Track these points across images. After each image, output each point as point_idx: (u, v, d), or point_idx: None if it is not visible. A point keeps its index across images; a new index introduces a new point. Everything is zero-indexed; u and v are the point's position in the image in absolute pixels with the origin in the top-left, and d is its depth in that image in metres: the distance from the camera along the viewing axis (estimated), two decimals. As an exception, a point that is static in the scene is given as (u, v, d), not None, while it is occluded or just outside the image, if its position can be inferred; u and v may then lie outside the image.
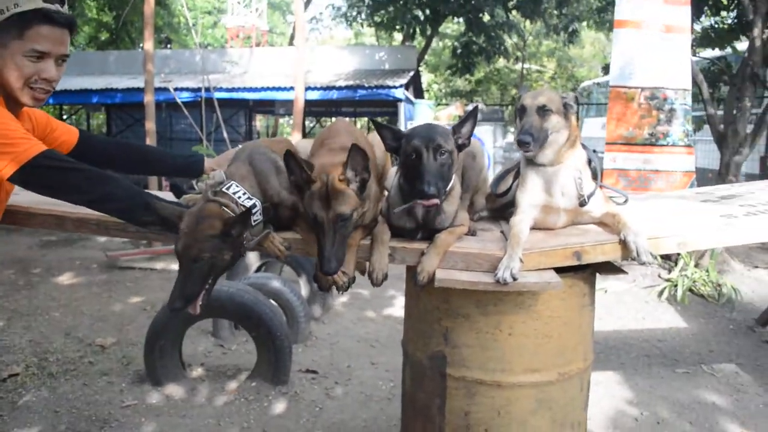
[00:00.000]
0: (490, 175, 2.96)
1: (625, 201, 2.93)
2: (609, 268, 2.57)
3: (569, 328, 2.46)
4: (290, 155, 2.25)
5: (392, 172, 2.50)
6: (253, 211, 2.27)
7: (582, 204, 2.48)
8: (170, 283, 2.21)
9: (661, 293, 6.81)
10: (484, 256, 2.29)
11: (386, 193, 2.64)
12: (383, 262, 2.29)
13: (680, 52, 7.32)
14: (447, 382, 2.48)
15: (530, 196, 2.50)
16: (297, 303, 5.17)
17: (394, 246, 2.35)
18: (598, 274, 2.59)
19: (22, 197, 2.84)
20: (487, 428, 2.45)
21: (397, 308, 6.32)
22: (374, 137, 2.63)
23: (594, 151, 2.74)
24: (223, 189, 2.30)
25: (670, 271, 7.22)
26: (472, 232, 2.54)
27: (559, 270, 2.33)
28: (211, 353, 5.04)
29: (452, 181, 2.39)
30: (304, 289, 5.83)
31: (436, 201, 2.21)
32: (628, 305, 6.56)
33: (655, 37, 7.24)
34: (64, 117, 21.50)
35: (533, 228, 2.53)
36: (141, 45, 20.96)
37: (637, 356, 5.20)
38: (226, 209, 2.22)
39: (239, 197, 2.28)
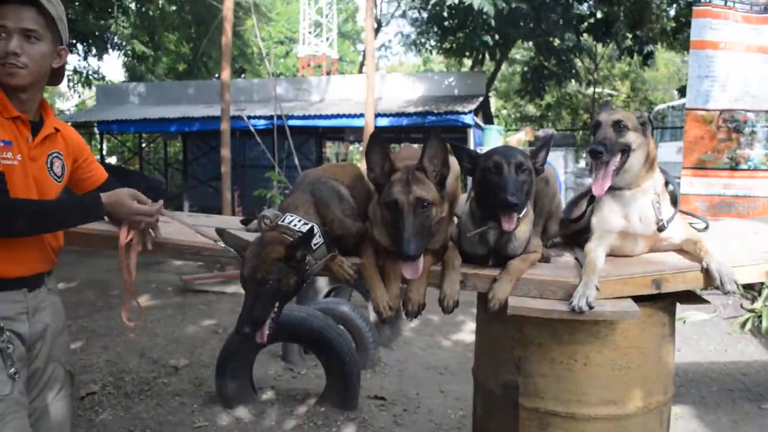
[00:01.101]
0: (562, 201, 2.90)
1: (706, 227, 2.81)
2: (690, 297, 2.47)
3: (648, 359, 2.37)
4: (376, 144, 2.26)
5: (463, 199, 2.47)
6: (313, 232, 2.28)
7: (661, 229, 2.39)
8: (240, 306, 2.23)
9: (744, 324, 6.50)
10: (558, 283, 2.24)
11: (456, 219, 2.61)
12: (454, 289, 2.26)
13: (761, 72, 7.04)
14: (520, 413, 2.42)
15: (606, 222, 2.43)
16: (366, 328, 5.16)
17: (466, 272, 2.31)
18: (678, 304, 2.49)
19: (103, 223, 2.94)
20: (562, 461, 2.37)
21: (468, 335, 6.23)
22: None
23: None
24: (278, 222, 2.34)
25: (753, 301, 6.89)
26: (545, 259, 2.48)
27: (637, 299, 2.25)
28: (281, 377, 5.07)
29: (526, 208, 2.35)
30: (372, 315, 5.82)
31: (514, 221, 2.17)
32: (708, 336, 6.29)
33: (734, 57, 6.99)
34: (143, 145, 22.33)
35: (609, 255, 2.46)
36: (217, 75, 21.63)
37: (719, 390, 4.97)
38: (286, 236, 2.25)
39: (295, 225, 2.31)
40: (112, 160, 26.92)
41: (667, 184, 2.52)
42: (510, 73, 27.00)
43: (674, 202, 2.48)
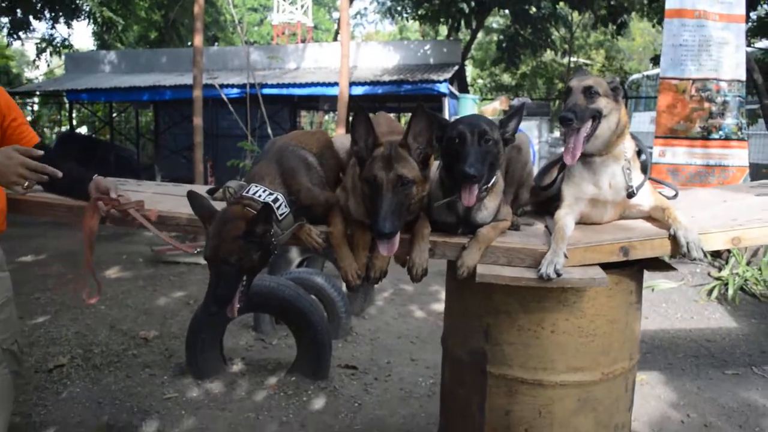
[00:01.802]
0: (534, 170, 2.88)
1: (675, 195, 2.81)
2: (658, 264, 2.48)
3: (615, 327, 2.38)
4: (361, 118, 2.21)
5: (434, 168, 2.44)
6: (276, 204, 2.23)
7: (630, 195, 2.38)
8: None
9: (710, 292, 6.60)
10: (526, 251, 2.22)
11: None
12: (423, 257, 2.23)
13: (734, 42, 7.05)
14: (487, 380, 2.42)
15: (576, 189, 2.41)
16: (338, 298, 5.14)
17: (435, 240, 2.28)
18: (646, 271, 2.49)
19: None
20: (528, 428, 2.38)
21: (440, 304, 6.24)
22: None
23: (643, 144, 2.64)
24: (243, 193, 2.28)
25: (720, 269, 7.00)
26: (515, 227, 2.47)
27: (606, 266, 2.24)
28: (252, 347, 5.05)
29: (495, 177, 2.32)
30: (344, 283, 5.80)
31: (474, 195, 2.15)
32: (676, 304, 6.38)
33: (708, 26, 7.00)
34: (114, 114, 21.94)
35: (579, 222, 2.45)
36: (189, 43, 21.24)
37: (684, 357, 5.04)
38: (249, 209, 2.20)
39: (260, 195, 2.25)
40: (83, 129, 26.45)
41: (639, 153, 2.50)
42: (487, 42, 26.88)
43: (644, 169, 2.47)
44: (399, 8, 18.72)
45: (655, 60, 12.90)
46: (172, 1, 19.96)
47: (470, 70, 29.71)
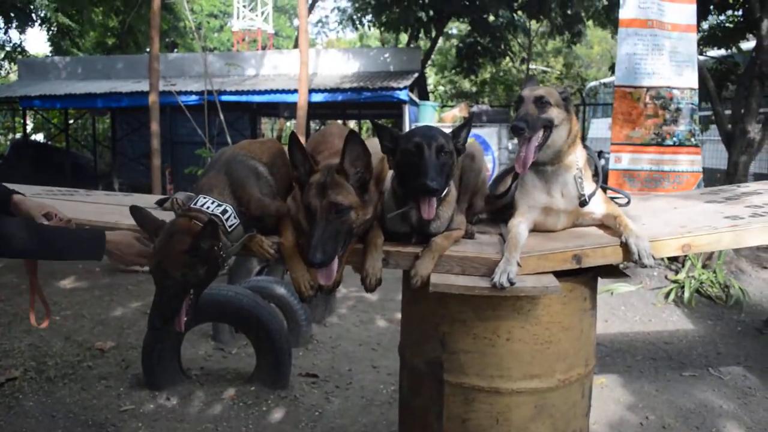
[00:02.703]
0: (489, 178, 2.90)
1: (628, 202, 2.86)
2: (611, 271, 2.51)
3: (570, 334, 2.40)
4: (295, 145, 2.19)
5: (388, 178, 2.44)
6: (225, 216, 2.20)
7: (582, 204, 2.41)
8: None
9: (667, 295, 6.72)
10: (480, 259, 2.23)
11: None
12: (377, 267, 2.23)
13: (686, 51, 7.23)
14: (444, 389, 2.42)
15: (529, 197, 2.44)
16: (298, 306, 5.11)
17: (388, 250, 2.29)
18: (600, 278, 2.53)
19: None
20: (486, 436, 2.39)
21: (401, 312, 6.25)
22: (371, 142, 2.58)
23: (600, 152, 2.69)
24: (191, 204, 2.25)
25: (677, 273, 7.13)
26: (469, 235, 2.48)
27: (560, 274, 2.27)
28: (211, 357, 4.98)
29: (448, 187, 2.33)
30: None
31: (433, 208, 2.16)
32: (634, 307, 6.48)
33: (660, 36, 7.16)
34: (70, 121, 21.54)
35: (532, 230, 2.47)
36: (147, 50, 20.98)
37: (643, 359, 5.12)
38: (196, 222, 2.17)
39: (208, 207, 2.22)
40: (39, 137, 25.92)
41: (591, 162, 2.54)
42: (447, 48, 27.05)
43: (596, 177, 2.50)
44: (360, 16, 18.76)
45: (612, 68, 13.12)
46: (129, 7, 19.70)
47: (432, 77, 29.87)
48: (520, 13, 17.55)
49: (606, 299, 6.49)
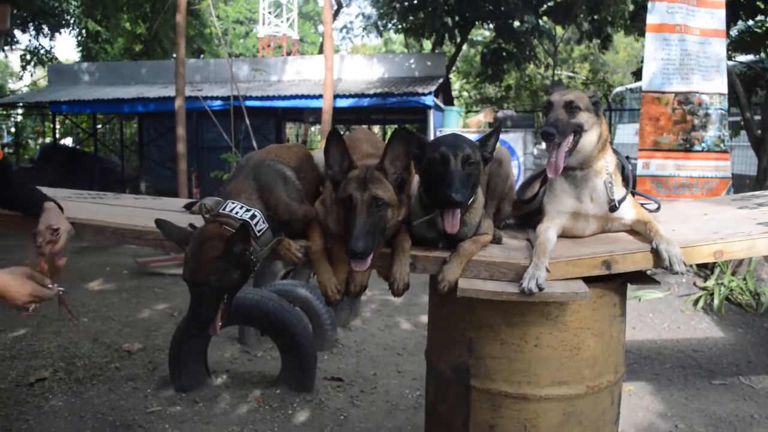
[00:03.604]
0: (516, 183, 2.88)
1: (658, 208, 2.83)
2: (641, 277, 2.48)
3: (599, 340, 2.38)
4: (335, 141, 2.19)
5: (414, 183, 2.44)
6: (254, 221, 2.21)
7: (613, 209, 2.39)
8: None
9: (696, 302, 6.63)
10: (508, 264, 2.22)
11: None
12: (404, 272, 2.23)
13: (715, 56, 7.14)
14: (471, 395, 2.41)
15: (558, 202, 2.42)
16: (323, 310, 5.12)
17: (416, 254, 2.28)
18: (629, 284, 2.50)
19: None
20: (514, 443, 2.37)
21: (427, 316, 6.23)
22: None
23: (627, 157, 2.66)
24: (220, 210, 2.26)
25: (706, 280, 7.03)
26: (497, 240, 2.47)
27: (589, 280, 2.24)
28: (237, 360, 5.01)
29: (475, 193, 2.32)
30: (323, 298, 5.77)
31: (457, 220, 2.15)
32: (662, 314, 6.40)
33: (688, 41, 7.08)
34: (98, 126, 21.83)
35: (561, 236, 2.45)
36: (173, 55, 21.22)
37: (672, 367, 5.06)
38: (227, 227, 2.17)
39: (237, 212, 2.23)
40: (68, 141, 26.30)
41: (621, 167, 2.52)
42: (472, 54, 27.01)
43: (626, 182, 2.48)
44: (384, 22, 18.80)
45: (637, 74, 13.00)
46: (156, 13, 19.94)
47: (456, 83, 29.83)
48: (545, 18, 17.47)
49: (634, 306, 6.42)
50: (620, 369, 2.55)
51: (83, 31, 20.57)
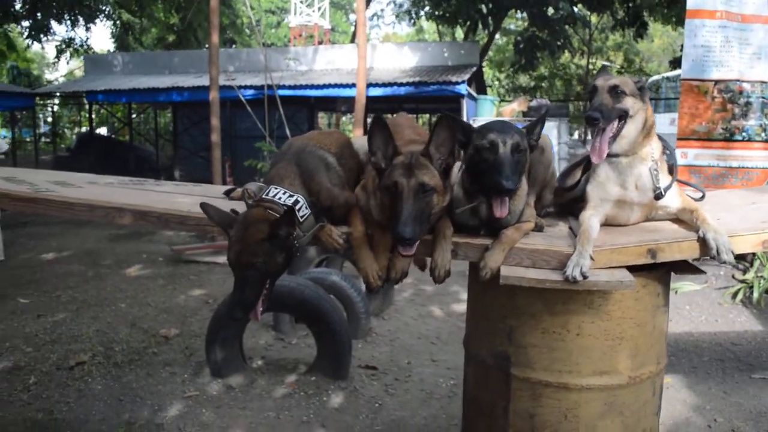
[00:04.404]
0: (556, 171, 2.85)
1: (702, 197, 2.77)
2: (685, 267, 2.44)
3: (642, 330, 2.34)
4: (379, 127, 2.18)
5: (455, 171, 2.41)
6: (297, 206, 2.21)
7: (658, 197, 2.34)
8: (231, 276, 2.19)
9: (735, 295, 6.51)
10: (551, 252, 2.19)
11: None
12: (446, 258, 2.21)
13: (758, 43, 6.96)
14: (512, 383, 2.39)
15: (602, 190, 2.38)
16: (357, 298, 5.13)
17: (457, 241, 2.26)
18: (674, 274, 2.46)
19: (85, 190, 2.88)
20: (553, 432, 2.35)
21: (461, 305, 6.22)
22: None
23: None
24: (263, 195, 2.27)
25: (745, 272, 6.90)
26: (538, 228, 2.44)
27: (632, 269, 2.21)
28: (271, 347, 5.05)
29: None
30: (364, 285, 5.78)
31: (506, 207, 2.13)
32: (699, 307, 6.30)
33: (730, 27, 6.91)
34: (133, 115, 22.09)
35: (604, 224, 2.42)
36: (206, 45, 21.37)
37: (710, 360, 4.98)
38: (270, 212, 2.18)
39: (280, 198, 2.23)
40: (103, 130, 26.69)
41: (665, 153, 2.47)
42: (504, 44, 26.79)
43: (672, 170, 2.43)
44: (416, 9, 18.71)
45: (674, 63, 12.78)
46: (190, 3, 20.10)
47: (488, 72, 29.62)
48: (580, 6, 17.23)
49: (670, 298, 6.30)
50: (662, 360, 2.52)
51: (117, 21, 20.79)
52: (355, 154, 2.65)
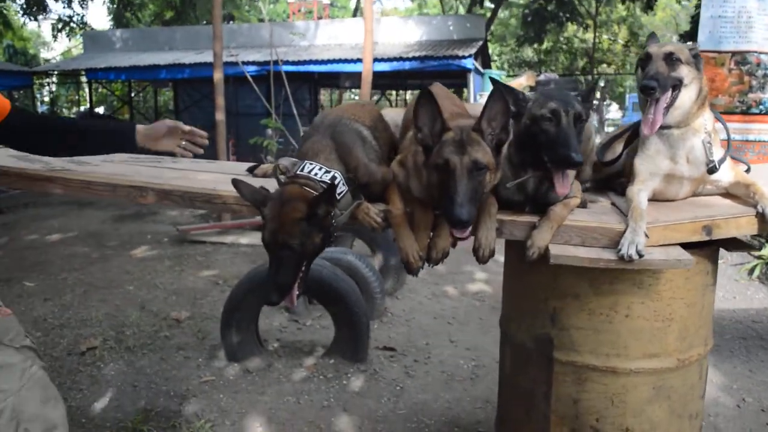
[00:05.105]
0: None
1: (747, 170, 2.64)
2: (736, 243, 2.32)
3: (692, 310, 2.23)
4: (427, 102, 2.02)
5: None
6: (335, 182, 2.07)
7: (711, 171, 2.21)
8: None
9: (751, 271, 6.40)
10: (601, 230, 2.06)
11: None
12: (491, 237, 2.07)
13: (776, 13, 6.80)
14: (554, 367, 2.28)
15: (652, 163, 2.25)
16: (373, 278, 5.01)
17: (502, 219, 2.12)
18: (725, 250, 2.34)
19: (102, 168, 2.74)
20: (599, 418, 2.25)
21: (475, 284, 6.12)
22: (476, 108, 2.42)
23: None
24: (297, 171, 2.12)
25: (760, 248, 6.79)
26: (582, 204, 2.30)
27: (683, 246, 2.08)
28: (286, 329, 4.94)
29: None
30: (377, 263, 5.67)
31: (569, 183, 2.01)
32: (717, 284, 6.18)
33: (748, -3, 6.74)
34: (132, 93, 21.86)
35: (650, 199, 2.29)
36: (205, 21, 21.07)
37: (732, 338, 4.88)
38: (307, 188, 2.04)
39: (316, 174, 2.09)
40: (101, 109, 26.44)
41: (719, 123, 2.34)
42: (507, 17, 26.50)
43: (726, 141, 2.30)
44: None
45: (684, 36, 12.57)
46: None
47: (491, 48, 29.33)
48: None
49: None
50: (709, 341, 2.40)
51: (114, -2, 20.53)
52: (388, 128, 2.51)
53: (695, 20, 13.49)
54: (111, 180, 2.46)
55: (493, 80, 2.08)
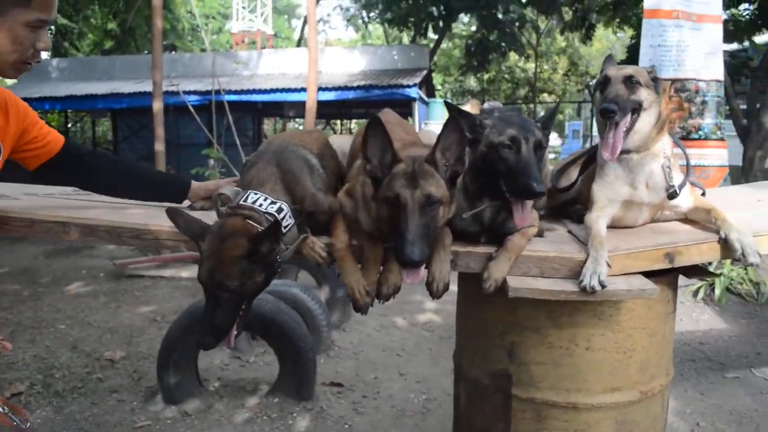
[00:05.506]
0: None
1: (702, 194, 2.58)
2: (695, 270, 2.25)
3: (653, 340, 2.15)
4: (377, 132, 1.88)
5: None
6: (281, 215, 1.92)
7: (671, 196, 2.14)
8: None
9: (696, 293, 6.45)
10: (561, 259, 1.96)
11: None
12: (445, 270, 1.94)
13: (712, 42, 6.98)
14: (512, 404, 2.15)
15: (610, 189, 2.17)
16: (318, 311, 4.82)
17: (457, 250, 2.00)
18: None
19: (21, 203, 2.53)
20: (561, 457, 2.12)
21: (424, 314, 5.99)
22: (425, 135, 2.31)
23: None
24: (241, 201, 1.96)
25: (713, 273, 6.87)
26: (539, 233, 2.20)
27: (644, 274, 2.00)
28: (228, 366, 4.70)
29: None
30: (323, 296, 5.49)
31: (529, 214, 1.91)
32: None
33: (686, 26, 6.91)
34: (69, 125, 21.26)
35: (609, 226, 2.20)
36: (146, 51, 20.72)
37: (681, 361, 4.86)
38: (250, 221, 1.88)
39: (261, 205, 1.93)
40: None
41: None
42: (450, 48, 26.91)
43: (685, 166, 2.24)
44: (366, 12, 18.63)
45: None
46: (129, 6, 19.45)
47: (435, 77, 29.71)
48: (529, 8, 17.41)
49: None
50: (671, 371, 2.33)
51: (52, 26, 20.00)
52: (335, 155, 2.37)
53: (631, 50, 13.87)
54: (29, 215, 2.24)
55: (448, 105, 1.97)
